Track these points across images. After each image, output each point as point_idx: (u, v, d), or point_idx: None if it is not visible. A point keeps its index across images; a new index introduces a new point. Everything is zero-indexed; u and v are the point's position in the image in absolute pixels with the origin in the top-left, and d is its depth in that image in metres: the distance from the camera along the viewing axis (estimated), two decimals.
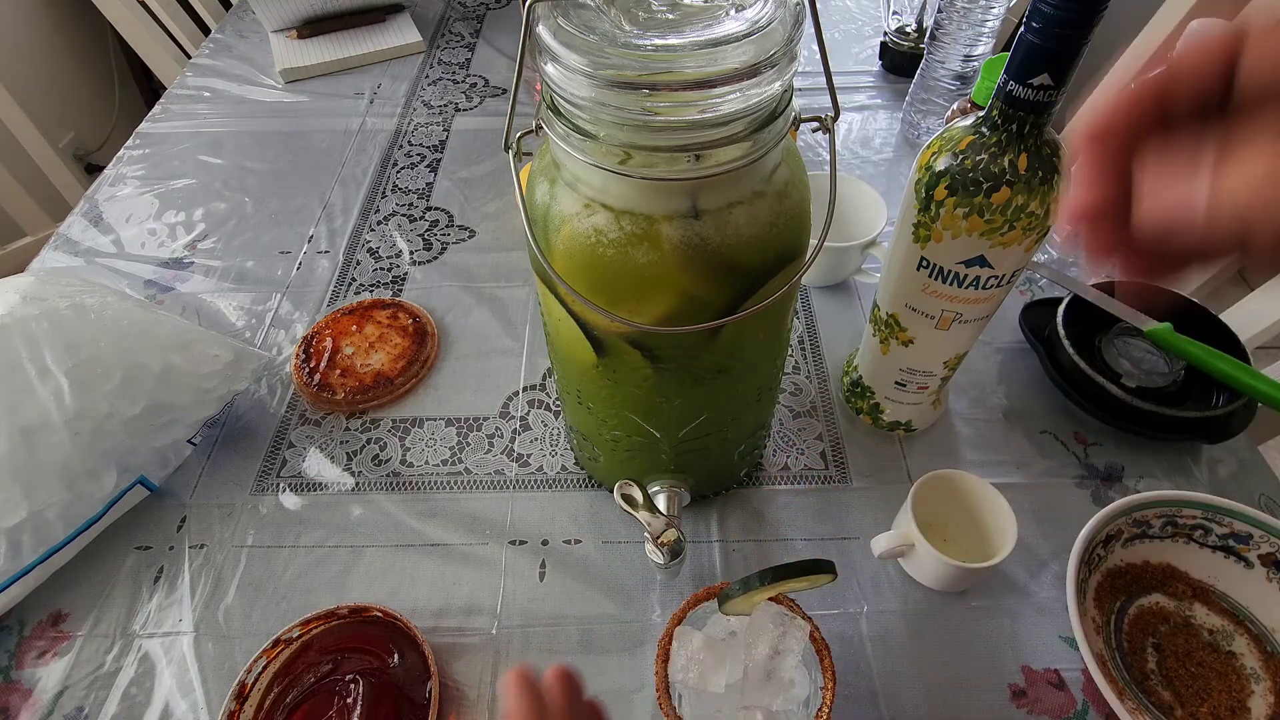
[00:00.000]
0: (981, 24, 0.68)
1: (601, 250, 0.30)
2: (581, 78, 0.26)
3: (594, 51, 0.25)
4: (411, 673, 0.41)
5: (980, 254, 0.40)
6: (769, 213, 0.31)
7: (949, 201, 0.39)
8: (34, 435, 0.43)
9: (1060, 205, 0.31)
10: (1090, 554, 0.44)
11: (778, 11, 0.27)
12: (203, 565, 0.48)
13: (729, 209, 0.30)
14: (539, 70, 0.28)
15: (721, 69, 0.25)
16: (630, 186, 0.29)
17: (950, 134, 0.40)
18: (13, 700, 0.43)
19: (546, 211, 0.32)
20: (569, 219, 0.31)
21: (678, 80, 0.25)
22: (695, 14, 0.27)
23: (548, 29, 0.27)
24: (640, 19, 0.27)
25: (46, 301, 0.47)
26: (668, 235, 0.29)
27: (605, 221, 0.30)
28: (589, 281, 0.31)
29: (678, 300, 0.31)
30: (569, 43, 0.26)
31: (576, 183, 0.30)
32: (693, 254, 0.30)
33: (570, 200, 0.31)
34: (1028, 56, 0.34)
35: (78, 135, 1.65)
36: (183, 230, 0.72)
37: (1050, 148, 0.38)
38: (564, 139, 0.28)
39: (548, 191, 0.32)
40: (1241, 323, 0.62)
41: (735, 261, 0.31)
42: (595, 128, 0.27)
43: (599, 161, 0.28)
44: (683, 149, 0.27)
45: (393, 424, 0.56)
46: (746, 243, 0.30)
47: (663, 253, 0.29)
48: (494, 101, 0.88)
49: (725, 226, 0.30)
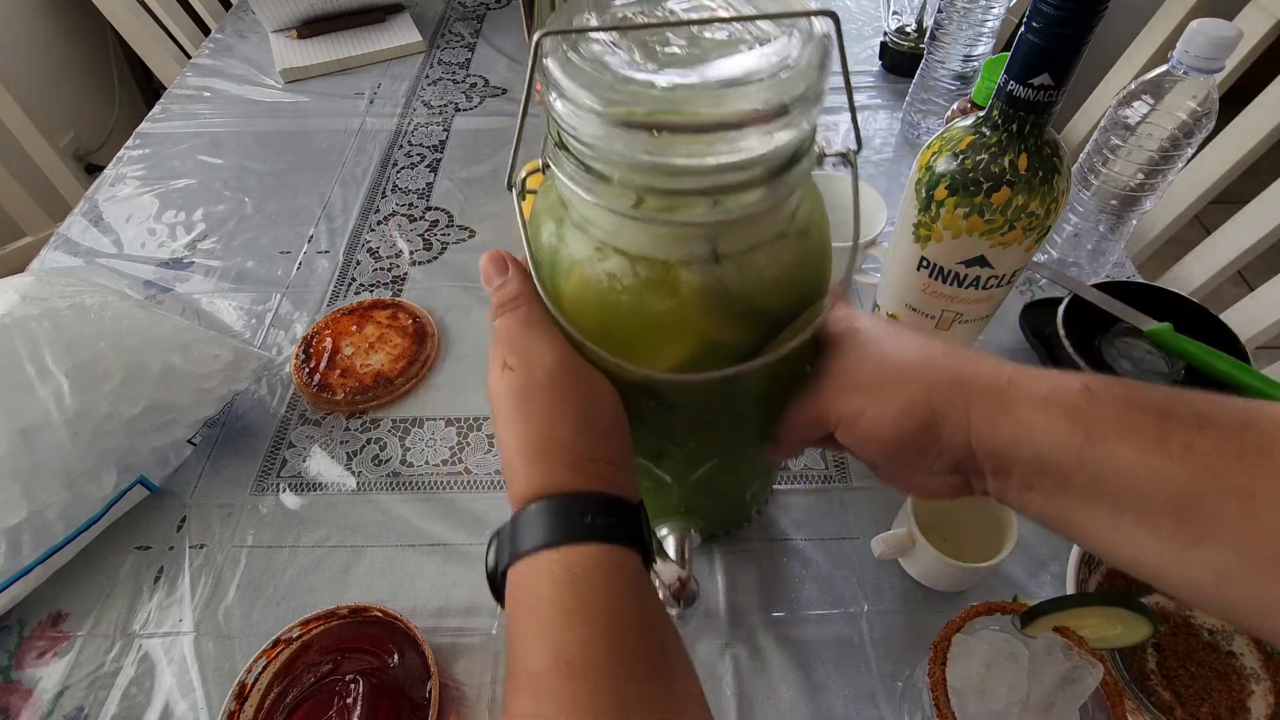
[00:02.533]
0: (981, 24, 0.68)
1: (615, 297, 0.28)
2: (592, 116, 0.24)
3: (606, 89, 0.23)
4: (411, 673, 0.41)
5: (980, 254, 0.40)
6: (792, 253, 0.29)
7: (949, 201, 0.39)
8: (34, 435, 0.43)
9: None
10: (1090, 554, 0.44)
11: (804, 48, 0.25)
12: (203, 565, 0.48)
13: (751, 252, 0.28)
14: (546, 104, 0.26)
15: (741, 110, 0.23)
16: (646, 231, 0.27)
17: (950, 134, 0.40)
18: (13, 700, 0.43)
19: (554, 254, 0.30)
20: (580, 263, 0.29)
21: (695, 121, 0.23)
22: (715, 48, 0.25)
23: (556, 63, 0.24)
24: (657, 54, 0.25)
25: (46, 301, 0.47)
26: (686, 281, 0.27)
27: (619, 267, 0.28)
28: (601, 329, 0.29)
29: (696, 347, 0.29)
30: (579, 78, 0.24)
31: (587, 225, 0.28)
32: (713, 300, 0.28)
33: (580, 243, 0.29)
34: (1028, 56, 0.35)
35: (78, 135, 1.65)
36: (183, 230, 0.72)
37: (1050, 147, 0.38)
38: (572, 179, 0.26)
39: (555, 232, 0.30)
40: (1242, 322, 0.62)
41: (758, 306, 0.29)
42: (607, 169, 0.25)
43: (611, 205, 0.26)
44: (701, 193, 0.25)
45: (393, 424, 0.56)
46: (770, 286, 0.29)
47: (681, 299, 0.28)
48: (494, 101, 0.88)
49: (747, 271, 0.28)
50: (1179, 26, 0.75)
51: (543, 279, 0.30)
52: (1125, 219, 0.59)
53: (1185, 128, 0.51)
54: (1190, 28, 0.48)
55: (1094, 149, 0.57)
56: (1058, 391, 0.26)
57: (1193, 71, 0.49)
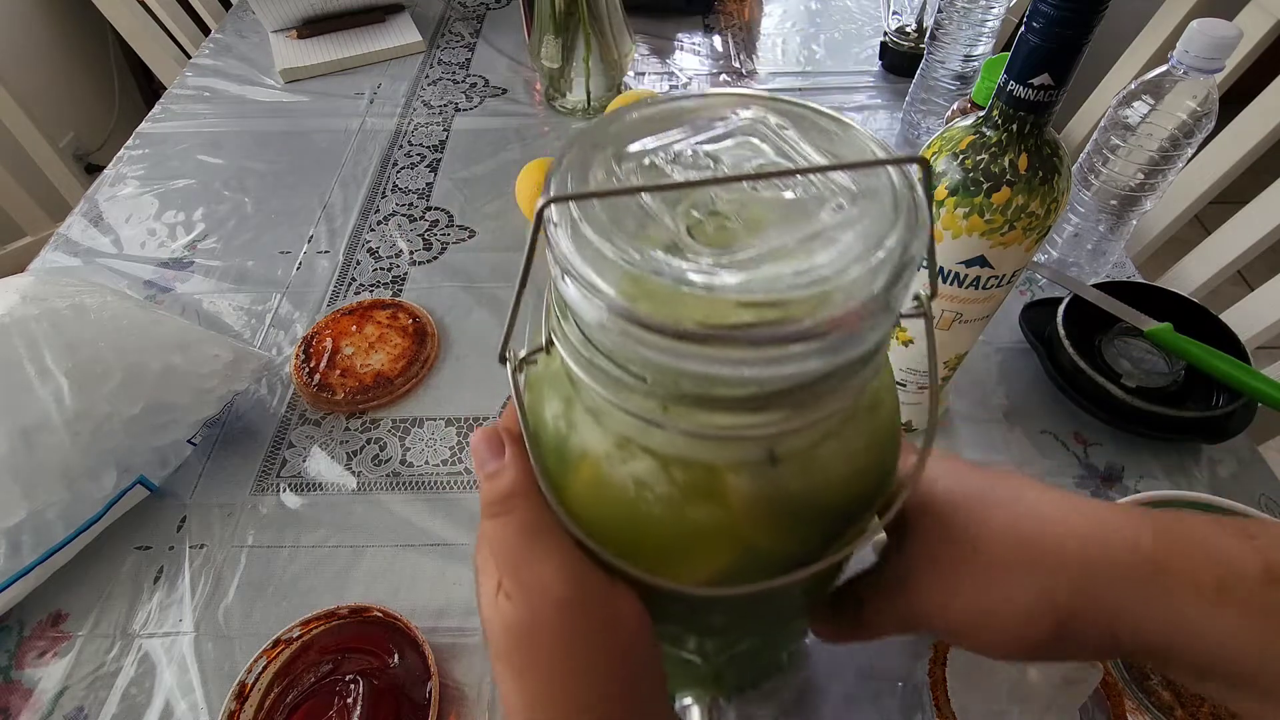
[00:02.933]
0: (982, 24, 0.68)
1: (644, 507, 0.22)
2: (613, 316, 0.18)
3: (631, 282, 0.18)
4: (412, 673, 0.41)
5: (980, 254, 0.40)
6: (862, 437, 0.23)
7: (949, 201, 0.39)
8: (34, 435, 0.43)
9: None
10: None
11: (897, 218, 0.19)
12: (203, 565, 0.48)
13: (815, 447, 0.22)
14: (553, 280, 0.20)
15: (820, 319, 0.17)
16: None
17: (950, 134, 0.40)
18: (13, 700, 0.43)
19: (562, 441, 0.23)
20: (596, 460, 0.22)
21: (758, 335, 0.17)
22: (775, 214, 0.19)
23: (567, 232, 0.19)
24: (700, 224, 0.19)
25: (46, 301, 0.47)
26: (736, 487, 0.21)
27: (648, 472, 0.21)
28: (623, 540, 0.23)
29: (742, 558, 0.23)
30: (597, 263, 0.18)
31: (603, 415, 0.22)
32: (769, 507, 0.22)
33: (596, 435, 0.22)
34: (1028, 56, 0.34)
35: (78, 135, 1.65)
36: (183, 230, 0.72)
37: (1051, 148, 0.38)
38: (585, 373, 0.20)
39: (561, 413, 0.23)
40: (1242, 322, 0.62)
41: (823, 507, 0.23)
42: (630, 369, 0.19)
43: (634, 409, 0.20)
44: (756, 405, 0.19)
45: (393, 424, 0.56)
46: (838, 481, 0.23)
47: (729, 508, 0.22)
48: (494, 101, 0.88)
49: (811, 469, 0.22)
50: (1179, 26, 0.75)
51: (546, 468, 0.23)
52: (1125, 219, 0.59)
53: (1185, 128, 0.51)
54: (1190, 28, 0.48)
55: (1094, 149, 0.57)
56: (1232, 580, 0.20)
57: (1193, 71, 0.49)
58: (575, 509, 0.23)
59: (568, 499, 0.23)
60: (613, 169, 0.20)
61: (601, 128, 0.21)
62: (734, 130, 0.22)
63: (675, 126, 0.22)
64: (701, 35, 0.98)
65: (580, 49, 0.78)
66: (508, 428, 0.24)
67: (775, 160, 0.21)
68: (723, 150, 0.21)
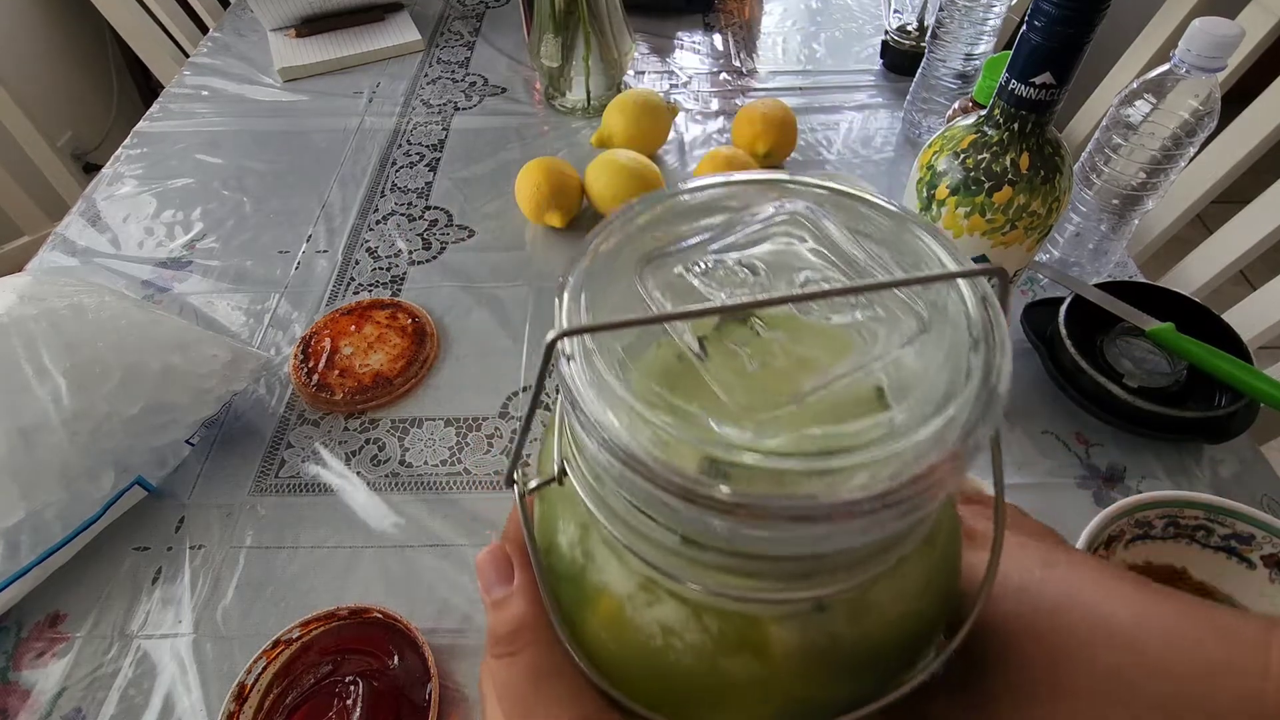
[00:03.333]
0: (983, 22, 0.68)
1: (673, 657, 0.19)
2: (636, 478, 0.15)
3: (661, 445, 0.15)
4: (411, 674, 0.41)
5: (982, 254, 0.40)
6: (920, 574, 0.20)
7: (950, 201, 0.39)
8: (32, 436, 0.43)
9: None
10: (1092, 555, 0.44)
11: (971, 354, 0.15)
12: (201, 566, 0.48)
13: (867, 591, 0.19)
14: (568, 414, 0.17)
15: (890, 487, 0.14)
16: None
17: (952, 133, 0.40)
18: (11, 701, 0.43)
19: (578, 573, 0.20)
20: (617, 601, 0.19)
21: (815, 507, 0.14)
22: (831, 345, 0.16)
23: (580, 371, 0.15)
24: (744, 362, 0.16)
25: (44, 301, 0.47)
26: (779, 638, 0.19)
27: (677, 617, 0.18)
28: (647, 691, 0.20)
29: (782, 708, 0.21)
30: (622, 414, 0.15)
31: (625, 552, 0.19)
32: (816, 659, 0.19)
33: (617, 573, 0.19)
34: (1030, 55, 0.34)
35: (76, 134, 1.65)
36: (181, 230, 0.72)
37: (1052, 147, 0.38)
38: (603, 513, 0.18)
39: (578, 543, 0.20)
40: (1244, 322, 0.62)
41: (878, 651, 0.20)
42: (651, 525, 0.16)
43: (659, 564, 0.17)
44: (790, 574, 0.17)
45: (392, 424, 0.56)
46: (892, 625, 0.20)
47: (771, 661, 0.19)
48: (493, 100, 0.87)
49: (863, 614, 0.19)
50: (1181, 25, 0.75)
51: (559, 600, 0.20)
52: (1127, 218, 0.59)
53: (1187, 127, 0.51)
54: (1192, 27, 0.47)
55: (1096, 148, 0.57)
56: None
57: (1195, 70, 0.49)
58: (592, 649, 0.20)
59: (584, 637, 0.20)
60: (633, 283, 0.17)
61: (620, 226, 0.19)
62: (772, 228, 0.19)
63: (704, 220, 0.19)
64: (702, 34, 0.98)
65: (580, 48, 0.78)
66: (516, 544, 0.21)
67: (820, 265, 0.17)
68: (761, 256, 0.18)
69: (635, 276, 0.17)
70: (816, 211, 0.19)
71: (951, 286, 0.17)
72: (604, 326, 0.16)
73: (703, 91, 0.88)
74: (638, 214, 0.19)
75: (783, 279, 0.17)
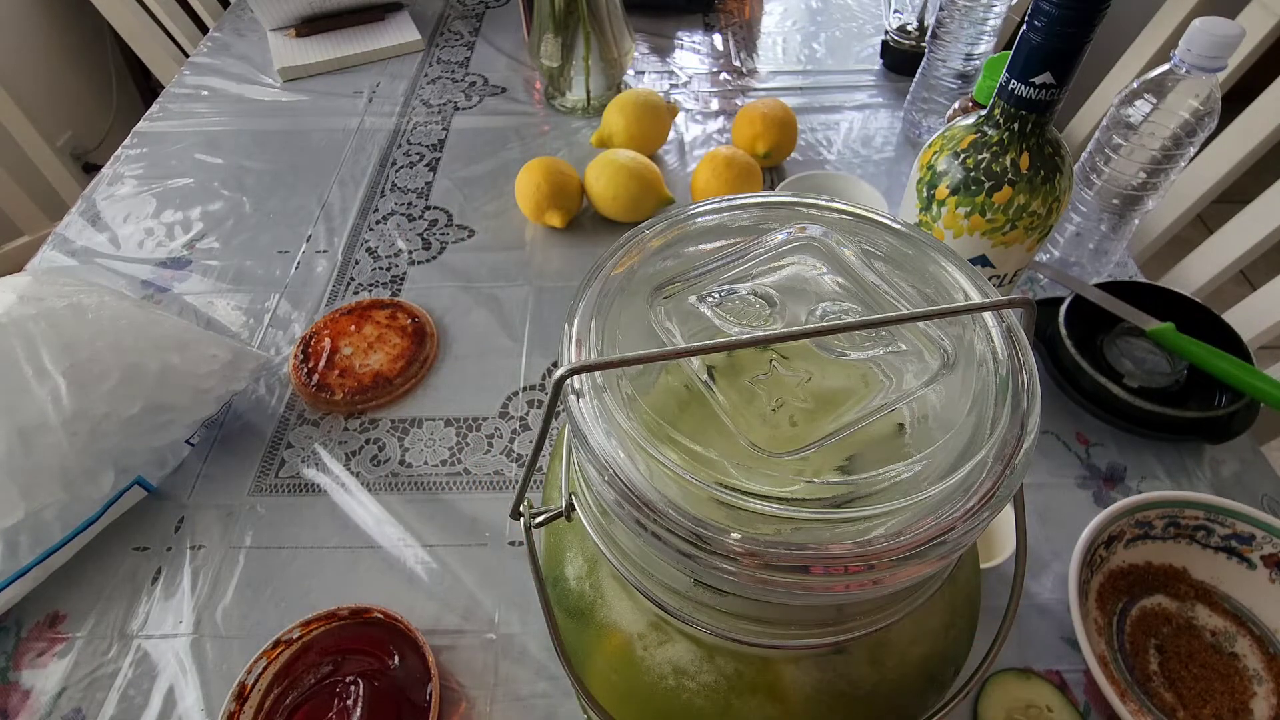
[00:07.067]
0: (983, 22, 0.68)
1: (685, 698, 0.18)
2: (630, 516, 0.15)
3: (662, 478, 0.14)
4: (411, 675, 0.41)
5: (982, 254, 0.40)
6: (942, 613, 0.20)
7: (950, 201, 0.39)
8: (31, 436, 0.43)
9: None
10: (1092, 555, 0.44)
11: (1004, 399, 0.15)
12: (201, 566, 0.48)
13: (886, 631, 0.18)
14: (576, 450, 0.16)
15: (924, 538, 0.13)
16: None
17: (952, 133, 0.40)
18: (11, 702, 0.43)
19: (584, 603, 0.20)
20: (625, 640, 0.19)
21: (801, 556, 0.13)
22: (852, 394, 0.15)
23: (591, 406, 0.15)
24: (762, 404, 0.15)
25: (44, 301, 0.47)
26: (794, 681, 0.18)
27: (688, 658, 0.18)
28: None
29: None
30: (638, 459, 0.14)
31: (636, 593, 0.18)
32: (832, 700, 0.19)
33: (627, 611, 0.19)
34: (1030, 55, 0.34)
35: (75, 134, 1.65)
36: (180, 230, 0.72)
37: (1052, 147, 0.38)
38: (612, 552, 0.17)
39: (585, 575, 0.20)
40: (1244, 322, 0.62)
41: (896, 692, 0.20)
42: (661, 569, 0.16)
43: (669, 606, 0.17)
44: (807, 623, 0.16)
45: (391, 424, 0.56)
46: (913, 666, 0.19)
47: (786, 703, 0.18)
48: (493, 100, 0.87)
49: (884, 656, 0.19)
50: (1181, 25, 0.75)
51: (564, 634, 0.20)
52: (1127, 218, 0.59)
53: (1188, 127, 0.51)
54: (1192, 26, 0.47)
55: (1096, 148, 0.57)
56: None
57: (1195, 70, 0.49)
58: (598, 685, 0.19)
59: (589, 672, 0.19)
60: (645, 312, 0.16)
61: (631, 251, 0.18)
62: (786, 254, 0.18)
63: (716, 244, 0.18)
64: (702, 34, 0.98)
65: (580, 47, 0.78)
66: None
67: (838, 295, 0.16)
68: (777, 285, 0.17)
69: (647, 306, 0.17)
70: (832, 236, 0.18)
71: (975, 318, 0.16)
72: (617, 362, 0.15)
73: (703, 91, 0.88)
74: (649, 238, 0.18)
75: (801, 309, 0.17)
